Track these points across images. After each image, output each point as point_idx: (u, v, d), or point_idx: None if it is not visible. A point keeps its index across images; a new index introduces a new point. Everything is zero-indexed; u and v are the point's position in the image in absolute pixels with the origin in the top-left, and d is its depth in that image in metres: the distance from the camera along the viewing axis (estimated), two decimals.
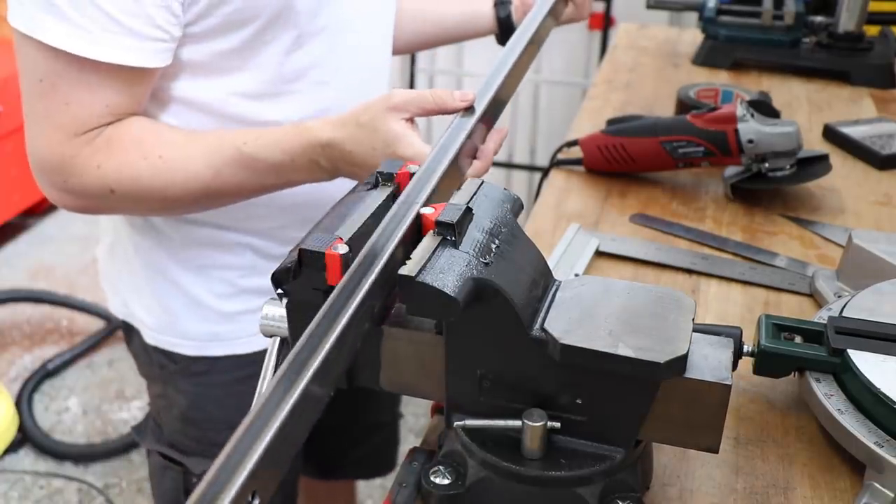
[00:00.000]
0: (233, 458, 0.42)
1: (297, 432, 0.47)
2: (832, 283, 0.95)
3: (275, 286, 0.61)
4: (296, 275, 0.59)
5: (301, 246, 0.58)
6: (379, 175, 0.70)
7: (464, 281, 0.58)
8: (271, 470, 0.44)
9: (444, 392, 0.67)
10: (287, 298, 0.61)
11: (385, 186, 0.69)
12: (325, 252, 0.58)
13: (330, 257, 0.57)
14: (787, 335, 0.77)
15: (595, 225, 1.11)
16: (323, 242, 0.58)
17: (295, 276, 0.59)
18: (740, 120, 1.13)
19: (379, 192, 0.68)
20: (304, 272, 0.59)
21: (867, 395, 0.70)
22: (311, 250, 0.58)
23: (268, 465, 0.43)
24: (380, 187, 0.69)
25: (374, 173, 0.70)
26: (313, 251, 0.58)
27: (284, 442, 0.45)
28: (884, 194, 1.22)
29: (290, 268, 0.59)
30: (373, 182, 0.70)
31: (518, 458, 0.65)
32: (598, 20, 3.00)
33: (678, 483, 0.71)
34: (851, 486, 0.71)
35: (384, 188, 0.69)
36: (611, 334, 0.61)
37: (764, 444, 0.75)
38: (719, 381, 0.61)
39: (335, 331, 0.51)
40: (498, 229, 0.65)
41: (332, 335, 0.50)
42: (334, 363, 0.50)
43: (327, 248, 0.58)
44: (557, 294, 0.67)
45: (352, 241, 0.60)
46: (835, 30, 1.67)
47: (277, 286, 0.61)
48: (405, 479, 0.70)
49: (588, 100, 1.58)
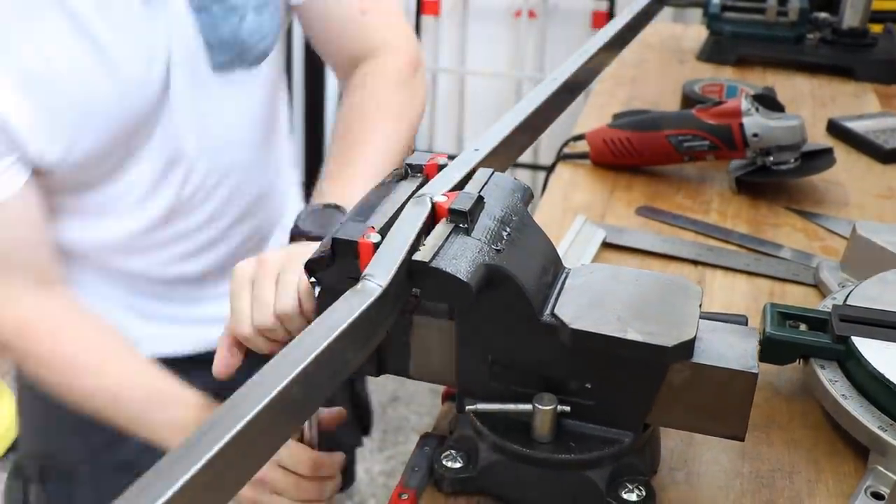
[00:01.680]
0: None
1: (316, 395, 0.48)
2: (836, 273, 0.97)
3: (308, 275, 0.63)
4: (329, 263, 0.61)
5: (334, 235, 0.60)
6: (408, 166, 0.71)
7: (476, 267, 0.60)
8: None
9: (455, 377, 0.68)
10: (319, 287, 0.63)
11: (414, 178, 0.70)
12: (357, 241, 0.59)
13: (363, 246, 0.58)
14: (792, 323, 0.78)
15: (601, 217, 1.12)
16: (356, 231, 0.60)
17: (329, 264, 0.61)
18: (745, 114, 1.14)
19: (408, 182, 0.69)
20: (337, 261, 0.60)
21: (871, 381, 0.72)
22: (344, 239, 0.59)
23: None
24: (409, 178, 0.70)
25: (403, 163, 0.71)
26: (346, 240, 0.59)
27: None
28: (887, 188, 1.23)
29: (324, 256, 0.60)
30: (402, 173, 0.71)
31: (528, 441, 0.66)
32: (601, 18, 3.00)
33: (685, 467, 0.72)
34: (855, 469, 0.72)
35: (413, 179, 0.70)
36: (620, 320, 0.63)
37: (769, 429, 0.77)
38: (746, 369, 0.62)
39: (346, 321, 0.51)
40: (509, 217, 0.67)
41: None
42: (339, 354, 0.50)
43: (360, 237, 0.59)
44: (567, 281, 0.68)
45: (383, 231, 0.61)
46: (839, 26, 1.68)
47: (311, 275, 0.62)
48: (417, 464, 0.71)
49: (593, 95, 1.59)
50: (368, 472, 2.18)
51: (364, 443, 1.41)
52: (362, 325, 0.51)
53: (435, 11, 3.21)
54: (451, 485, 0.68)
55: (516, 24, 3.14)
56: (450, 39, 3.26)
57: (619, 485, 0.65)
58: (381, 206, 0.65)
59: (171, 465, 0.38)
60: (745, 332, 0.66)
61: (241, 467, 0.43)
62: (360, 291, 0.53)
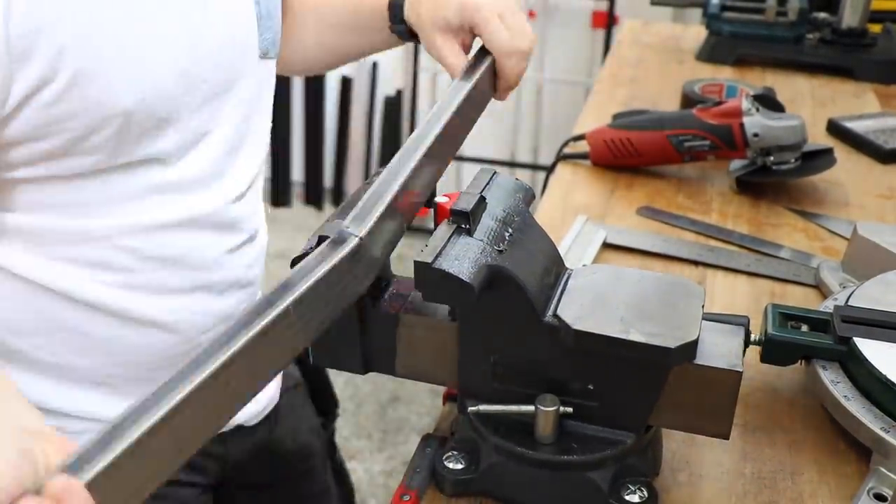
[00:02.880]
0: None
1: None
2: (837, 273, 0.97)
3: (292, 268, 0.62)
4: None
5: (319, 233, 0.60)
6: None
7: (478, 267, 0.60)
8: None
9: (458, 378, 0.68)
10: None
11: None
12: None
13: None
14: (793, 324, 0.78)
15: (602, 218, 1.12)
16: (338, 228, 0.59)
17: None
18: (746, 114, 1.14)
19: None
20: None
21: (873, 382, 0.72)
22: (329, 237, 0.59)
23: None
24: None
25: None
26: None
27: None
28: (887, 188, 1.23)
29: (309, 252, 0.60)
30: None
31: (531, 442, 0.66)
32: (601, 18, 3.00)
33: (687, 468, 0.72)
34: (858, 471, 0.72)
35: None
36: (622, 321, 0.63)
37: (771, 430, 0.77)
38: (730, 367, 0.62)
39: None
40: (511, 218, 0.67)
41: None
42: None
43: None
44: (569, 282, 0.68)
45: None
46: (838, 26, 1.68)
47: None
48: (419, 465, 0.71)
49: (593, 95, 1.59)
50: (368, 472, 2.17)
51: (336, 429, 1.36)
52: (337, 275, 0.52)
53: None
54: (453, 486, 0.68)
55: None
56: None
57: (621, 486, 0.65)
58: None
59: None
60: (730, 331, 0.66)
61: (200, 423, 0.44)
62: (337, 241, 0.54)
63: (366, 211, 0.57)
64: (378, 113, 3.39)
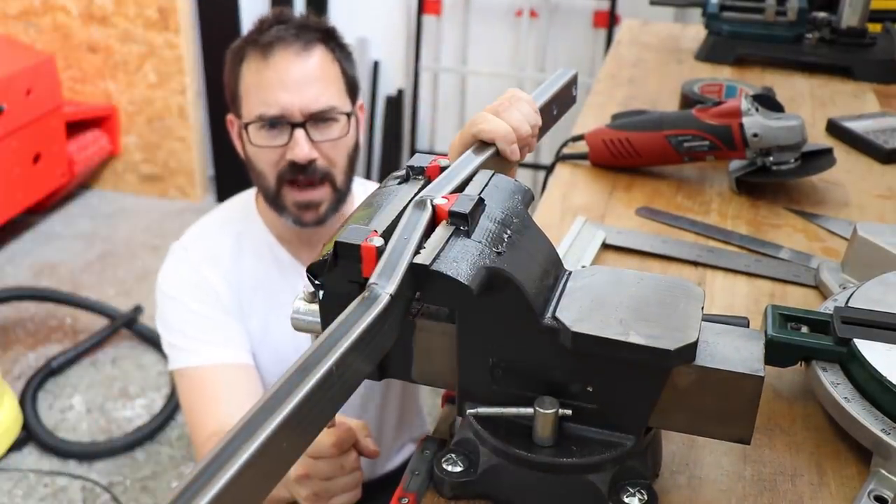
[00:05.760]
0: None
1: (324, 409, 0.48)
2: (837, 274, 0.96)
3: (311, 279, 0.62)
4: (332, 267, 0.60)
5: (337, 238, 0.59)
6: (409, 169, 0.70)
7: (477, 269, 0.59)
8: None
9: (456, 380, 0.67)
10: (322, 291, 0.62)
11: (416, 180, 0.69)
12: (360, 244, 0.58)
13: (366, 249, 0.58)
14: (793, 325, 0.78)
15: (601, 218, 1.12)
16: (358, 235, 0.59)
17: (331, 268, 0.60)
18: (745, 114, 1.13)
19: (410, 185, 0.69)
20: (340, 264, 0.59)
21: (874, 384, 0.71)
22: (347, 243, 0.58)
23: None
24: (410, 181, 0.70)
25: (405, 167, 0.71)
26: (349, 244, 0.58)
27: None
28: (887, 188, 1.23)
29: (327, 260, 0.60)
30: (403, 176, 0.70)
31: (529, 445, 0.65)
32: (602, 18, 3.00)
33: (687, 470, 0.72)
34: (858, 473, 0.72)
35: (415, 182, 0.69)
36: (621, 322, 0.62)
37: (771, 432, 0.76)
38: (752, 372, 0.61)
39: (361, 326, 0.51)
40: (509, 220, 0.66)
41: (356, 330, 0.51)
42: (353, 361, 0.50)
43: (363, 241, 0.58)
44: (568, 283, 0.67)
45: (386, 234, 0.60)
46: (837, 25, 1.68)
47: (313, 278, 0.62)
48: (417, 467, 0.71)
49: (592, 95, 1.59)
50: None
51: None
52: (372, 333, 0.51)
53: (436, 11, 3.21)
54: (452, 489, 0.68)
55: (517, 23, 3.14)
56: (451, 39, 3.26)
57: (620, 488, 0.65)
58: (383, 209, 0.64)
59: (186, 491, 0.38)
60: (750, 335, 0.65)
61: (259, 484, 0.42)
62: (369, 299, 0.53)
63: (390, 266, 0.56)
64: (379, 112, 3.38)
